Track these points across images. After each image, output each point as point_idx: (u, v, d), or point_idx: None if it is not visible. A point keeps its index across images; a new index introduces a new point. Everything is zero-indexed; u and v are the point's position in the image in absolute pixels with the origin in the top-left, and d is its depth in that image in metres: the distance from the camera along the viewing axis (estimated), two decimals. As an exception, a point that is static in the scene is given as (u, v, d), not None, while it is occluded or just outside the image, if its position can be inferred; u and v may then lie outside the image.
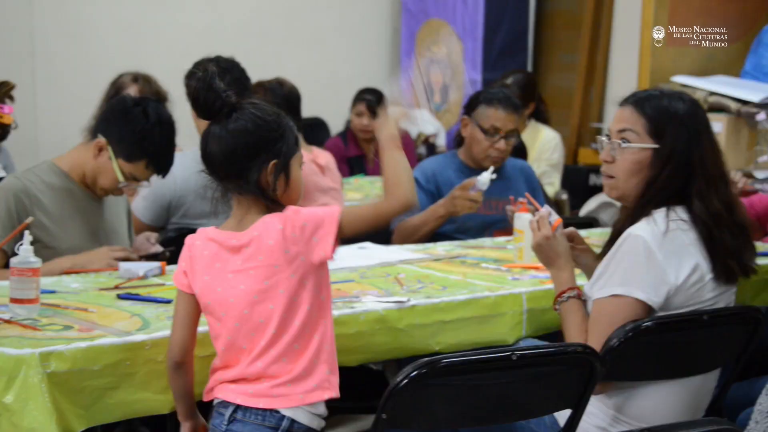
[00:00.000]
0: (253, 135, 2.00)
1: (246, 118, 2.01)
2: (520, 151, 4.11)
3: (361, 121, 5.42)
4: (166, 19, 6.07)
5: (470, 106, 3.61)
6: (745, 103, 4.42)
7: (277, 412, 1.97)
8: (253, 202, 2.02)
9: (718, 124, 4.35)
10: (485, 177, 3.34)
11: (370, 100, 5.40)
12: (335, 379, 2.03)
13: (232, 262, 2.00)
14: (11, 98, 3.01)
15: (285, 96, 3.95)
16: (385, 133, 2.11)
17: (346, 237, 2.02)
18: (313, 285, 1.99)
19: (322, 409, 2.02)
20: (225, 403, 2.01)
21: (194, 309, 2.05)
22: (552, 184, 4.89)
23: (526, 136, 4.79)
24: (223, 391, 2.02)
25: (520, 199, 3.31)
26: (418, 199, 2.05)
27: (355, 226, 2.01)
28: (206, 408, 2.11)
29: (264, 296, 1.98)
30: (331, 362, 2.03)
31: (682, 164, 2.22)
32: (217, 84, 2.01)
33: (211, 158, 2.03)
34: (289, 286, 1.97)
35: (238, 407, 1.99)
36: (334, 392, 2.02)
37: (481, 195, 3.36)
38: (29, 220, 2.39)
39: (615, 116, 2.31)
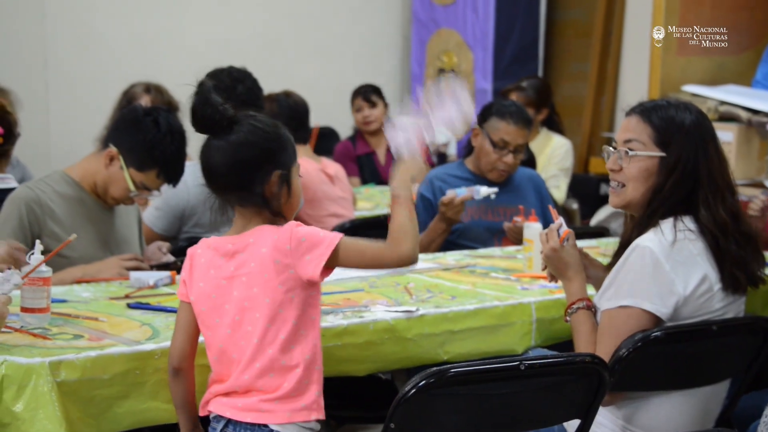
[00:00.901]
0: (256, 147, 2.01)
1: (247, 130, 2.01)
2: (530, 162, 4.10)
3: (362, 114, 5.59)
4: (178, 30, 6.10)
5: (482, 117, 3.60)
6: (756, 112, 4.40)
7: (265, 426, 1.96)
8: (255, 213, 2.02)
9: (729, 134, 4.33)
10: (485, 191, 3.35)
11: (365, 91, 5.62)
12: (322, 401, 2.02)
13: (225, 268, 2.00)
14: (10, 114, 3.02)
15: (291, 107, 4.00)
16: (397, 186, 2.04)
17: (340, 267, 1.99)
18: (301, 301, 1.98)
19: (313, 423, 2.00)
20: (218, 417, 2.01)
21: (194, 317, 2.06)
22: (558, 188, 4.87)
23: (537, 143, 4.78)
24: (215, 405, 2.02)
25: (515, 218, 3.32)
26: (418, 254, 2.01)
27: (352, 260, 1.99)
28: (207, 423, 2.10)
29: (252, 303, 1.98)
30: (321, 383, 2.02)
31: (688, 173, 2.21)
32: (213, 98, 2.01)
33: (213, 170, 2.03)
34: (275, 297, 1.96)
35: (228, 422, 1.99)
36: (321, 414, 2.01)
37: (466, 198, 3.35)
38: (73, 237, 2.33)
39: (621, 126, 2.31)
